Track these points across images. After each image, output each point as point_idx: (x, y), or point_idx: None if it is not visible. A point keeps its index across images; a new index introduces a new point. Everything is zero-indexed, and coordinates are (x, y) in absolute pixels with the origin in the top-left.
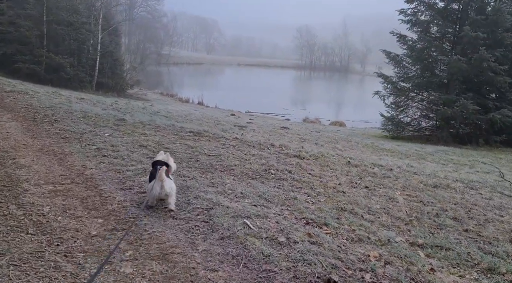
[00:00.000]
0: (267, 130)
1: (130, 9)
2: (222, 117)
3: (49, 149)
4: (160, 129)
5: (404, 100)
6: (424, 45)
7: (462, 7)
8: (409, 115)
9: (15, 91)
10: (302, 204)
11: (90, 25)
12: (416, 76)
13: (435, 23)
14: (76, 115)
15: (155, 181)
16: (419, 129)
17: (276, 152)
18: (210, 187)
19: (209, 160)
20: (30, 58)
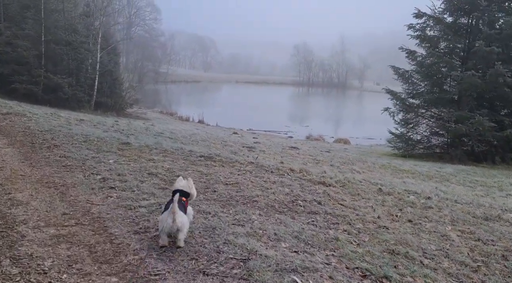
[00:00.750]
0: (277, 151)
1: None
2: (227, 136)
3: (49, 180)
4: (168, 153)
5: (414, 117)
6: (433, 61)
7: (473, 21)
8: (418, 133)
9: (12, 113)
10: (346, 246)
11: (88, 44)
12: (426, 92)
13: (445, 38)
14: (77, 139)
15: (168, 213)
16: (429, 147)
17: (297, 178)
18: (237, 226)
19: (228, 190)
20: (27, 78)
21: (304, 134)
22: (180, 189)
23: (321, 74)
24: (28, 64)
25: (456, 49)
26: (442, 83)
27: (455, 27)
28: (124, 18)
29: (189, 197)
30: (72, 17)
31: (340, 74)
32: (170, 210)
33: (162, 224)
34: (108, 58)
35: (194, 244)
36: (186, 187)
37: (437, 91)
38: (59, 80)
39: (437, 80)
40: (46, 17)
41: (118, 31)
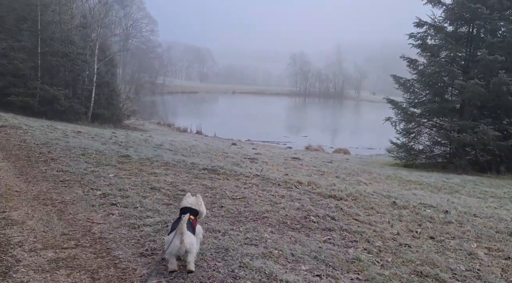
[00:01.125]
0: (280, 163)
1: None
2: (227, 148)
3: (46, 197)
4: (170, 166)
5: (415, 126)
6: (434, 70)
7: (474, 30)
8: (420, 142)
9: (7, 126)
10: (371, 267)
11: (85, 56)
12: (427, 101)
13: (446, 47)
14: (75, 153)
15: (175, 234)
16: (431, 157)
17: (306, 191)
18: (250, 246)
19: (235, 205)
20: (23, 90)
21: (303, 145)
22: (188, 206)
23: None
24: (24, 76)
25: (457, 58)
26: (443, 92)
27: (456, 36)
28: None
29: (198, 215)
30: (69, 28)
31: (336, 84)
32: (177, 231)
33: (169, 246)
34: (106, 70)
35: (206, 268)
36: (195, 204)
37: (438, 101)
38: (56, 92)
39: (438, 89)
40: (42, 29)
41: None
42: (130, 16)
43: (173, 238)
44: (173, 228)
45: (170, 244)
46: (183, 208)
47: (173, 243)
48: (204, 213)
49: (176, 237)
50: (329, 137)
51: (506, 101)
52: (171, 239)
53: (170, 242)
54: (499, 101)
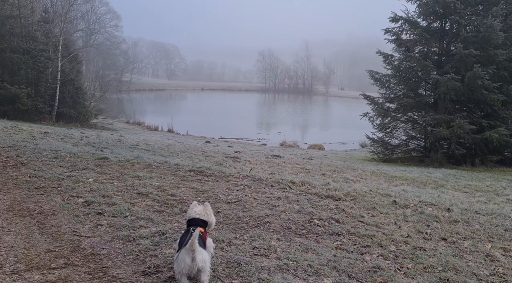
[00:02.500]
0: (262, 161)
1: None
2: (204, 146)
3: (22, 207)
4: (153, 168)
5: (391, 121)
6: (409, 65)
7: (447, 25)
8: (396, 137)
9: None
10: (395, 277)
11: (48, 52)
12: (402, 96)
13: (420, 42)
14: (46, 156)
15: (185, 251)
16: (407, 151)
17: (302, 192)
18: (261, 258)
19: (232, 210)
20: None
21: (277, 141)
22: (196, 217)
23: (287, 80)
24: None
25: (431, 53)
26: (417, 87)
27: (430, 31)
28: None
29: (207, 226)
30: (30, 23)
31: (305, 80)
32: (188, 247)
33: (179, 265)
34: (70, 67)
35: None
36: (203, 214)
37: (413, 95)
38: (17, 90)
39: (413, 84)
40: (0, 24)
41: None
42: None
43: (183, 255)
44: (181, 242)
45: (180, 262)
46: (190, 219)
47: (184, 261)
48: (214, 223)
49: (186, 254)
50: (302, 133)
51: (480, 95)
52: (181, 256)
53: (179, 259)
54: (473, 95)
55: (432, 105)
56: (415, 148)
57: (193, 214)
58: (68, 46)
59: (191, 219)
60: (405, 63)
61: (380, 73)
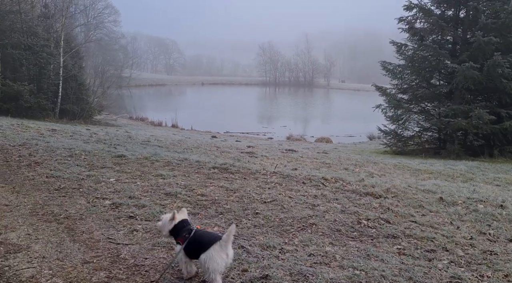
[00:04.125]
0: (280, 156)
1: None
2: (215, 142)
3: (45, 210)
4: (174, 166)
5: (404, 112)
6: (425, 54)
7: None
8: (409, 129)
9: None
10: None
11: (50, 48)
12: (416, 87)
13: (435, 31)
14: (60, 154)
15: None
16: (421, 143)
17: (337, 189)
18: (324, 267)
19: (271, 210)
20: None
21: (283, 135)
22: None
23: (288, 74)
24: None
25: (447, 42)
26: (431, 77)
27: (447, 18)
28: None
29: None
30: (30, 19)
31: (306, 73)
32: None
33: (217, 262)
34: (72, 62)
35: None
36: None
37: (428, 86)
38: (20, 87)
39: (427, 73)
40: (0, 19)
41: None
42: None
43: (218, 252)
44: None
45: (218, 259)
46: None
47: (221, 257)
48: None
49: (221, 250)
50: (306, 126)
51: (499, 84)
52: (216, 253)
53: (215, 257)
54: (491, 84)
55: (447, 96)
56: (428, 139)
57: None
58: (69, 41)
59: (183, 220)
60: (419, 53)
61: (394, 64)
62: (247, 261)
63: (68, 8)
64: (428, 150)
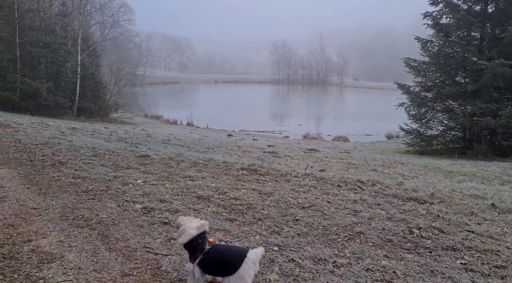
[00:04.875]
0: (303, 156)
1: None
2: (234, 140)
3: (75, 215)
4: (201, 167)
5: (428, 111)
6: (446, 52)
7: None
8: (432, 128)
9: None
10: None
11: (67, 46)
12: (440, 84)
13: (461, 27)
14: (84, 154)
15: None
16: (445, 142)
17: (376, 193)
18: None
19: (312, 217)
20: (2, 84)
21: (299, 133)
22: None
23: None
24: (3, 68)
25: (473, 38)
26: (457, 74)
27: (474, 14)
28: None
29: None
30: (48, 17)
31: (320, 71)
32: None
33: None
34: (90, 61)
35: None
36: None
37: (452, 84)
38: (38, 85)
39: (452, 71)
40: (20, 17)
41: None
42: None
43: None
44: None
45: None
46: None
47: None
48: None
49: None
50: (322, 125)
51: None
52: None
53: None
54: None
55: (473, 94)
56: (452, 139)
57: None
58: (86, 39)
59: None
60: (444, 49)
61: (419, 61)
62: (303, 278)
63: (86, 5)
64: (453, 150)
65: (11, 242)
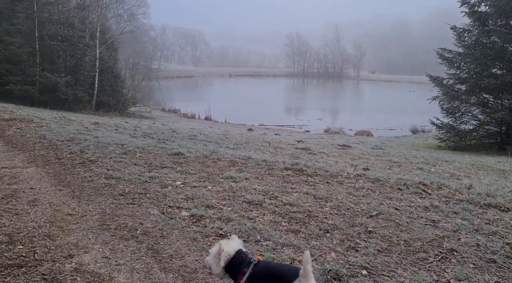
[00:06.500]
0: (339, 152)
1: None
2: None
3: (117, 223)
4: (239, 166)
5: (461, 104)
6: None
7: None
8: (465, 123)
9: (16, 119)
10: None
11: (86, 39)
12: (476, 76)
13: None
14: (114, 151)
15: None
16: (479, 137)
17: (446, 198)
18: None
19: (385, 228)
20: (22, 78)
21: (320, 128)
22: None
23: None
24: (22, 62)
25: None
26: (494, 65)
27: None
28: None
29: None
30: (67, 10)
31: (335, 64)
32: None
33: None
34: (108, 54)
35: None
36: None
37: (489, 75)
38: (57, 79)
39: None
40: (39, 11)
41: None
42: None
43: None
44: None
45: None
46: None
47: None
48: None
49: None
50: (342, 118)
51: None
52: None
53: None
54: None
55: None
56: (487, 134)
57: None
58: (104, 33)
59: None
60: (481, 39)
61: (454, 51)
62: None
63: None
64: (489, 146)
65: (50, 258)
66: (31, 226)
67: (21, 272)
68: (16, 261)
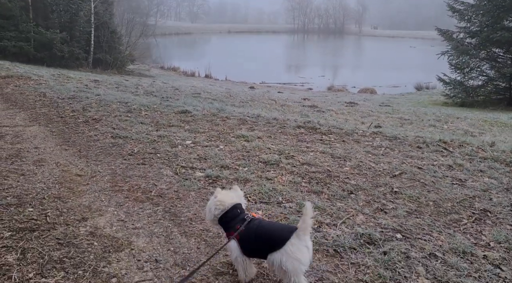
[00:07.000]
0: (348, 110)
1: None
2: (267, 93)
3: (130, 185)
4: (250, 124)
5: (472, 59)
6: None
7: None
8: (474, 78)
9: (14, 76)
10: None
11: None
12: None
13: None
14: (118, 109)
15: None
16: (487, 93)
17: (470, 156)
18: None
19: (411, 188)
20: (16, 34)
21: (322, 85)
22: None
23: (317, 20)
24: (14, 17)
25: None
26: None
27: None
28: None
29: None
30: None
31: (337, 19)
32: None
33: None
34: (103, 9)
35: None
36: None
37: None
38: (52, 35)
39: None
40: None
41: None
42: None
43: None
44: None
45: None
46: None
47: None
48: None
49: (300, 243)
50: (344, 76)
51: None
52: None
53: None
54: None
55: None
56: (494, 90)
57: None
58: None
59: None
60: None
61: (466, 3)
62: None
63: None
64: (496, 101)
65: (63, 221)
66: (39, 187)
67: (34, 236)
68: (27, 225)
